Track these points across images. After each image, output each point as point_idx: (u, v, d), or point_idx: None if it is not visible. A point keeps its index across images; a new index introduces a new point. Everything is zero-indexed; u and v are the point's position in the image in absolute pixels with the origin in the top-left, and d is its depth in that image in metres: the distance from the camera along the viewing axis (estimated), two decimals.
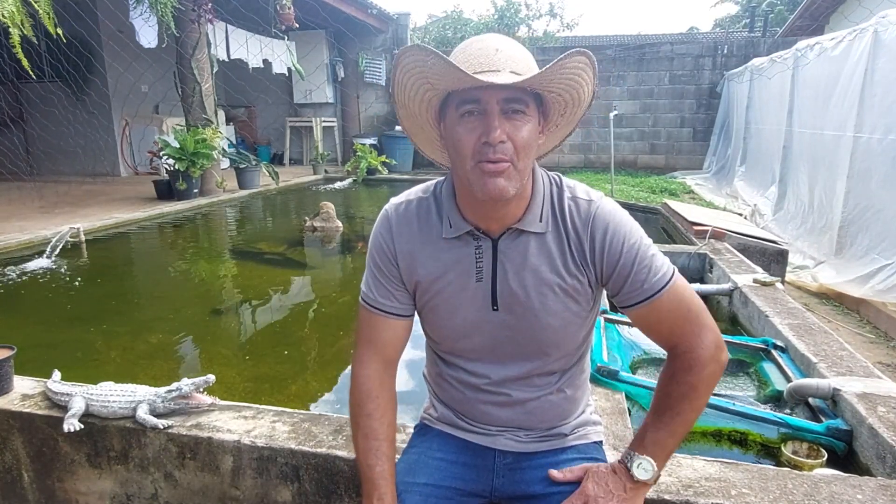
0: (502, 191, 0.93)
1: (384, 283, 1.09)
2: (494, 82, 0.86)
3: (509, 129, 0.91)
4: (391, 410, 1.10)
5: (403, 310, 1.10)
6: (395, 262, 1.08)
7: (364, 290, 1.11)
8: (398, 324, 1.10)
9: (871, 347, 3.11)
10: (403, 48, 0.91)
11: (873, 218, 3.78)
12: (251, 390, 2.32)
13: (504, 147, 0.91)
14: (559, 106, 1.01)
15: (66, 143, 8.44)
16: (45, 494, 1.68)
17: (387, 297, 1.09)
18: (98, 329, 2.97)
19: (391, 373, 1.13)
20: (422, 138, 1.11)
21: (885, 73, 3.76)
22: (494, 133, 0.90)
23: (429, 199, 1.09)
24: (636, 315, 1.02)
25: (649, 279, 0.99)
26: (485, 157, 0.92)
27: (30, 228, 4.85)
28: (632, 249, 0.99)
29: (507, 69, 0.90)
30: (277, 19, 8.53)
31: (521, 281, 1.03)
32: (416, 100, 0.99)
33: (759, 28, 13.79)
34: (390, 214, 1.10)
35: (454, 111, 0.94)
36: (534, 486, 1.08)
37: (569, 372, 1.11)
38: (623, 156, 10.74)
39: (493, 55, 0.91)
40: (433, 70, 0.90)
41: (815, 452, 1.63)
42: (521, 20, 15.53)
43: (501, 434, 1.12)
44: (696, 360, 0.98)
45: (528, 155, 0.95)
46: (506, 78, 0.88)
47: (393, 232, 1.08)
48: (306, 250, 4.97)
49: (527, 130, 0.93)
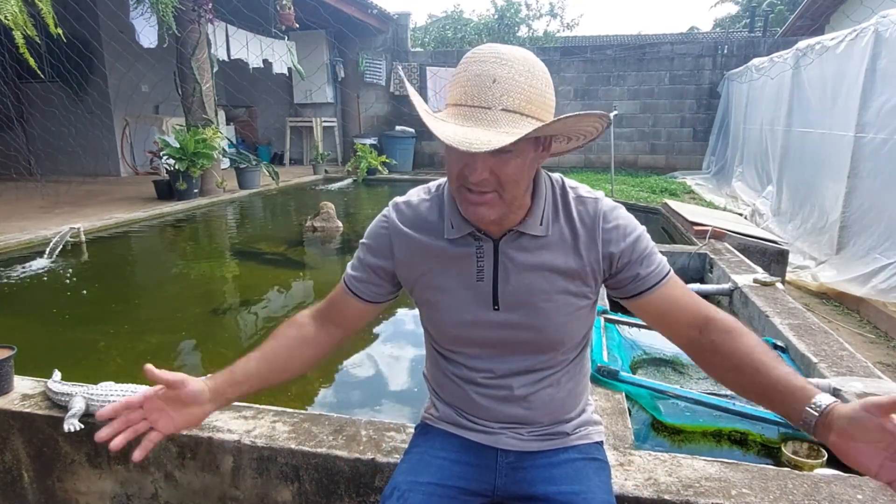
0: (483, 217, 0.95)
1: (367, 272, 1.12)
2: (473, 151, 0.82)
3: (494, 165, 0.89)
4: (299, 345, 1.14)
5: (376, 297, 1.14)
6: (388, 256, 1.10)
7: (348, 271, 1.16)
8: (364, 307, 1.15)
9: (871, 347, 3.11)
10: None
11: (875, 218, 3.78)
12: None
13: (486, 182, 0.91)
14: (562, 139, 1.03)
15: (67, 143, 8.44)
16: (45, 494, 1.68)
17: (365, 284, 1.13)
18: (98, 329, 2.97)
19: (329, 331, 1.17)
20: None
21: (887, 74, 3.76)
22: (474, 174, 0.90)
23: (432, 200, 1.10)
24: (653, 300, 1.04)
25: (657, 266, 1.05)
26: (468, 184, 0.92)
27: (30, 228, 4.85)
28: (640, 239, 1.04)
29: (498, 106, 0.87)
30: (277, 19, 8.54)
31: (522, 281, 1.04)
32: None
33: (759, 28, 13.79)
34: (395, 211, 1.11)
35: None
36: (536, 486, 1.08)
37: (570, 366, 1.12)
38: (623, 156, 10.74)
39: (488, 88, 0.87)
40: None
41: (815, 452, 1.63)
42: (522, 20, 15.55)
43: (503, 432, 1.13)
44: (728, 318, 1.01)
45: (518, 186, 0.94)
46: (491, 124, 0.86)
47: (395, 228, 1.09)
48: (306, 250, 4.97)
49: (514, 166, 0.91)
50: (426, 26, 18.18)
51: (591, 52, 10.92)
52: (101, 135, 8.71)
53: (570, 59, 10.74)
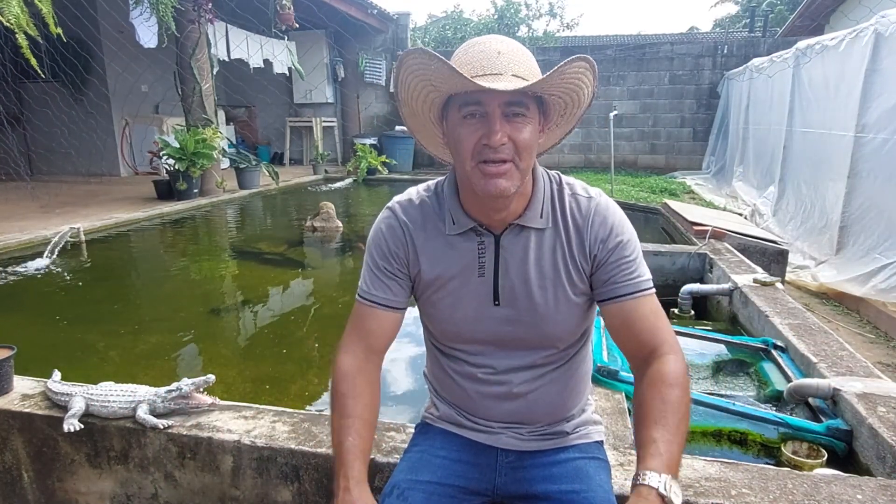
0: (503, 191, 0.96)
1: (381, 277, 1.10)
2: (496, 88, 0.88)
3: (510, 131, 0.93)
4: (368, 393, 1.07)
5: (396, 302, 1.11)
6: (397, 253, 1.09)
7: (360, 286, 1.12)
8: (388, 315, 1.10)
9: (871, 347, 3.11)
10: (407, 50, 0.92)
11: (875, 218, 3.78)
12: (251, 390, 2.32)
13: (505, 148, 0.93)
14: (559, 107, 1.03)
15: (66, 144, 8.44)
16: (45, 494, 1.68)
17: (380, 289, 1.10)
18: (98, 329, 2.97)
19: (374, 361, 1.11)
20: (424, 135, 1.13)
21: (887, 73, 3.76)
22: (496, 136, 0.92)
23: (431, 198, 1.11)
24: (618, 309, 1.03)
25: (639, 276, 1.03)
26: (485, 157, 0.94)
27: (30, 228, 4.85)
28: (626, 245, 1.03)
29: (508, 73, 0.92)
30: (277, 19, 8.53)
31: (522, 276, 1.05)
32: (419, 100, 1.02)
33: (759, 28, 13.80)
34: (395, 211, 1.11)
35: (456, 112, 0.96)
36: (536, 485, 1.08)
37: (569, 363, 1.13)
38: (623, 156, 10.74)
39: (495, 58, 0.93)
40: (436, 74, 0.92)
41: (815, 452, 1.63)
42: (521, 20, 15.56)
43: (503, 432, 1.13)
44: (679, 361, 0.98)
45: (530, 154, 0.97)
46: (507, 82, 0.90)
47: (397, 227, 1.10)
48: (306, 250, 4.97)
49: (528, 131, 0.95)
50: (426, 26, 18.18)
51: (590, 53, 10.89)
52: (101, 135, 8.70)
53: None
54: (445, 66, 0.89)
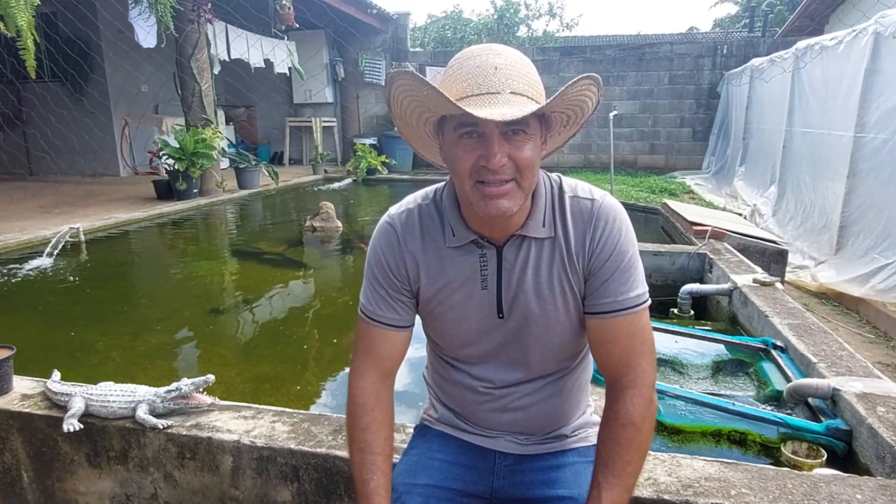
0: (505, 212, 0.91)
1: (384, 296, 1.06)
2: (491, 119, 0.82)
3: (510, 150, 0.88)
4: (387, 425, 1.06)
5: (403, 321, 1.08)
6: (398, 272, 1.05)
7: (363, 302, 1.08)
8: (397, 336, 1.07)
9: (870, 347, 3.11)
10: (397, 71, 0.87)
11: (874, 218, 3.78)
12: (251, 390, 2.32)
13: (505, 169, 0.89)
14: (562, 119, 0.99)
15: (66, 143, 8.44)
16: (45, 494, 1.68)
17: (386, 309, 1.06)
18: (98, 329, 2.97)
19: (389, 385, 1.10)
20: (420, 144, 1.08)
21: (887, 74, 3.76)
22: (494, 159, 0.87)
23: (430, 207, 1.06)
24: (596, 325, 1.00)
25: (625, 293, 0.98)
26: (484, 177, 0.89)
27: (30, 228, 4.85)
28: (622, 256, 0.98)
29: (506, 90, 0.87)
30: (277, 19, 8.53)
31: (526, 288, 1.02)
32: (413, 116, 0.97)
33: (758, 28, 13.78)
34: (392, 224, 1.06)
35: (452, 131, 0.91)
36: (533, 489, 1.08)
37: (572, 374, 1.11)
38: (623, 156, 10.74)
39: (492, 75, 0.87)
40: (428, 98, 0.88)
41: (814, 452, 1.63)
42: (521, 20, 15.54)
43: (502, 436, 1.12)
44: (641, 396, 0.96)
45: (533, 172, 0.92)
46: (505, 104, 0.85)
47: (396, 242, 1.05)
48: (306, 250, 4.97)
49: (529, 149, 0.90)
50: (426, 26, 18.17)
51: (590, 53, 10.92)
52: (101, 135, 8.71)
53: (570, 60, 10.73)
54: (435, 91, 0.84)
